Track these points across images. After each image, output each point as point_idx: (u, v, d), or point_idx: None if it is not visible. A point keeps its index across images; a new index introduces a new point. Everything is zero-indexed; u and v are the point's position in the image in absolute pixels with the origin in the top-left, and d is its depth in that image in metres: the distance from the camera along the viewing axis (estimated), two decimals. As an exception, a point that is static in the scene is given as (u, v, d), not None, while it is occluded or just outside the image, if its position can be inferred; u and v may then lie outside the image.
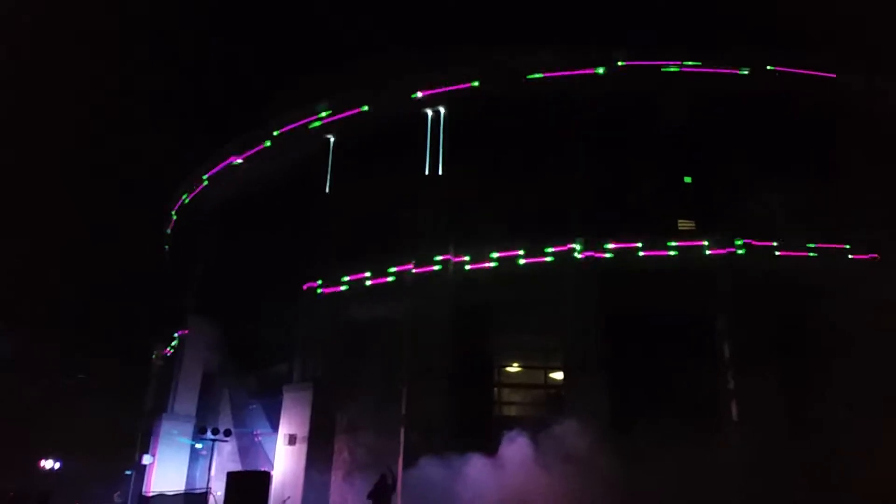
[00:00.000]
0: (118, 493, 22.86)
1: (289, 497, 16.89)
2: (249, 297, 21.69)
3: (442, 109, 19.95)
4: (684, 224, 18.95)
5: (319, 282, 19.51)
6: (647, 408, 15.12)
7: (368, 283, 18.89)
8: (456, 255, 18.29)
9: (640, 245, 17.66)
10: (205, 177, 24.15)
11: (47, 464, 30.13)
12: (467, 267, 18.23)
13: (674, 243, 17.74)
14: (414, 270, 18.38)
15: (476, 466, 14.67)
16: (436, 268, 18.26)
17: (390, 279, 18.66)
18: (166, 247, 28.61)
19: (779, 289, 16.99)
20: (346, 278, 19.18)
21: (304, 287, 19.67)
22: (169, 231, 27.69)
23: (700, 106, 18.86)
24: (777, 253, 17.82)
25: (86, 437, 28.87)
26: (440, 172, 19.37)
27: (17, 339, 30.27)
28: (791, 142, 18.54)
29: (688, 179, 19.10)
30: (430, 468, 14.93)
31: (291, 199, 21.65)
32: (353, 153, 20.76)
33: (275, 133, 21.82)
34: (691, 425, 14.10)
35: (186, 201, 25.64)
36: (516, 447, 14.83)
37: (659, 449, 13.12)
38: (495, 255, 18.08)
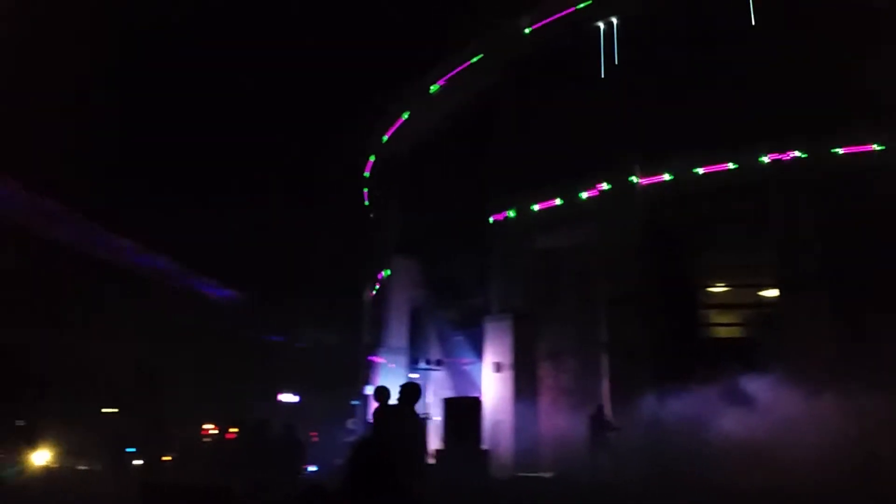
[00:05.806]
0: (352, 420, 25.39)
1: (501, 420, 17.76)
2: (444, 233, 22.55)
3: (614, 20, 18.92)
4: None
5: (509, 213, 19.76)
6: (878, 327, 13.68)
7: (557, 209, 18.73)
8: (647, 174, 17.51)
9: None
10: (406, 114, 24.49)
11: (284, 397, 34.29)
12: (659, 184, 17.38)
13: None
14: (602, 193, 17.97)
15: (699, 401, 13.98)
16: (626, 188, 17.69)
17: (578, 204, 18.39)
18: (365, 190, 29.79)
19: None
20: (535, 207, 19.15)
21: (494, 219, 20.09)
22: (367, 174, 28.49)
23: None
24: None
25: (318, 374, 32.55)
26: (620, 88, 18.26)
27: (251, 299, 35.13)
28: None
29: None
30: (648, 402, 14.84)
31: (478, 132, 21.77)
32: (533, 77, 20.28)
33: (473, 59, 21.62)
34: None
35: (384, 140, 26.25)
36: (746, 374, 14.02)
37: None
38: (696, 169, 16.91)
